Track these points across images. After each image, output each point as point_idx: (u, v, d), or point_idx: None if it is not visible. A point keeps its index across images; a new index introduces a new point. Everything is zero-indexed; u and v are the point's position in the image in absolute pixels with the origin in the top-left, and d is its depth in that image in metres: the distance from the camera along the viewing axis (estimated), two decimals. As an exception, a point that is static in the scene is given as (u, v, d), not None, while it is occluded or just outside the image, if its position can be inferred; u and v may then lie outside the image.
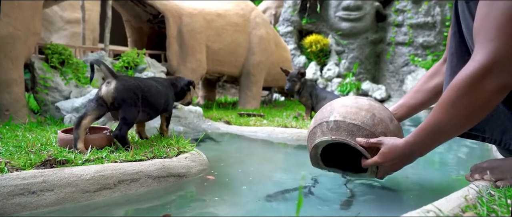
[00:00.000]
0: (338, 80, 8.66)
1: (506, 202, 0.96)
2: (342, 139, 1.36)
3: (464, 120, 1.07)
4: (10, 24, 2.76)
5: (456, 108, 1.06)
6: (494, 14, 0.98)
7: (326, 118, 1.43)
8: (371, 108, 1.40)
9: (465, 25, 1.17)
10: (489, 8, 1.00)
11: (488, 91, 0.99)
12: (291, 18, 9.30)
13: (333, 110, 1.43)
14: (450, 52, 1.26)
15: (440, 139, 1.16)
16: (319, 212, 1.23)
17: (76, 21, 7.25)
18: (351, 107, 1.40)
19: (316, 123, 1.48)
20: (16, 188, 1.16)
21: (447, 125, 1.10)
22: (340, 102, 1.46)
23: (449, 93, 1.07)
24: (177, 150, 1.74)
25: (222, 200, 1.35)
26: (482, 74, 0.99)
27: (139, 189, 1.41)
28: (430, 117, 1.13)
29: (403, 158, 1.25)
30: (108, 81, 1.71)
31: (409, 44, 8.74)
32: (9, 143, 1.78)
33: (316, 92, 3.88)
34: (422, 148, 1.20)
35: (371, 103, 1.42)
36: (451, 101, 1.06)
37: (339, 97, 3.91)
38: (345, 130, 1.36)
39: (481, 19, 1.03)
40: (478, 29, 1.03)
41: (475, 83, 1.00)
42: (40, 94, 3.22)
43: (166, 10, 4.47)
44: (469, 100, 1.03)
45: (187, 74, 4.56)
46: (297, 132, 2.97)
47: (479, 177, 1.23)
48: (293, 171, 1.89)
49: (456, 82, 1.05)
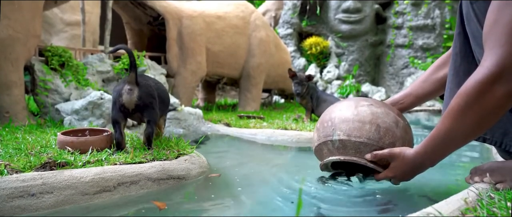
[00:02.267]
0: (338, 82, 8.66)
1: (506, 204, 0.96)
2: (350, 159, 1.35)
3: (475, 127, 1.05)
4: (10, 26, 2.76)
5: (466, 115, 1.04)
6: (504, 21, 0.97)
7: (329, 136, 1.39)
8: (374, 118, 1.34)
9: (469, 26, 1.16)
10: (499, 14, 0.99)
11: (498, 97, 0.98)
12: (291, 20, 9.32)
13: (335, 127, 1.38)
14: (454, 52, 1.25)
15: (451, 147, 1.14)
16: (319, 212, 1.23)
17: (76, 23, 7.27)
18: (353, 122, 1.35)
19: (321, 140, 1.44)
20: (15, 191, 1.15)
21: (458, 133, 1.08)
22: (340, 116, 1.40)
23: (458, 100, 1.05)
24: (177, 153, 1.73)
25: (221, 201, 1.35)
26: (492, 80, 0.98)
27: (139, 191, 1.40)
28: (440, 126, 1.11)
29: (414, 169, 1.25)
30: (130, 89, 1.71)
31: (408, 46, 8.75)
32: (8, 145, 1.78)
33: (317, 94, 3.89)
34: (433, 157, 1.19)
35: (372, 110, 1.37)
36: (460, 108, 1.04)
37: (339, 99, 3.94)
38: (352, 148, 1.34)
39: (490, 25, 1.02)
40: (488, 35, 1.02)
41: (485, 89, 0.99)
42: (40, 96, 3.22)
43: (166, 12, 4.48)
44: (479, 107, 1.01)
45: (187, 76, 4.56)
46: (297, 134, 2.96)
47: (479, 180, 1.22)
48: (293, 173, 1.89)
49: (465, 89, 1.03)
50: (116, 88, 1.74)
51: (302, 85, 3.79)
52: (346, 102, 1.48)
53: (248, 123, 3.55)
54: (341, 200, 1.39)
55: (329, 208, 1.28)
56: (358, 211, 1.26)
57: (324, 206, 1.30)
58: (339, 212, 1.25)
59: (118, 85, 1.75)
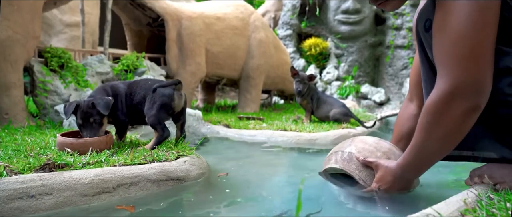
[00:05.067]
0: (337, 83, 8.66)
1: (505, 205, 0.96)
2: (348, 171, 1.42)
3: (442, 143, 1.11)
4: (10, 28, 2.76)
5: (430, 133, 1.11)
6: (444, 41, 1.04)
7: (343, 148, 1.49)
8: (389, 152, 1.41)
9: (430, 52, 1.19)
10: (439, 35, 1.06)
11: (456, 115, 1.04)
12: (291, 21, 9.33)
13: (352, 143, 1.49)
14: (423, 79, 1.29)
15: (427, 159, 1.20)
16: (319, 213, 1.23)
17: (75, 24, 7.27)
18: (369, 145, 1.44)
19: (334, 151, 1.54)
20: (15, 192, 1.15)
21: (428, 149, 1.15)
22: (362, 138, 1.51)
23: (423, 118, 1.12)
24: (177, 154, 1.73)
25: (221, 202, 1.35)
26: (445, 100, 1.03)
27: (138, 193, 1.40)
28: (413, 140, 1.18)
29: (396, 179, 1.29)
30: (181, 94, 1.98)
31: (408, 47, 8.76)
32: (8, 146, 1.78)
33: (317, 96, 3.89)
34: (413, 169, 1.25)
35: (391, 149, 1.44)
36: (424, 126, 1.12)
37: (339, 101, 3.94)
38: (355, 164, 1.41)
39: (435, 46, 1.08)
40: (436, 56, 1.08)
41: (442, 110, 1.05)
42: (39, 97, 3.22)
43: (166, 14, 4.48)
44: (440, 125, 1.07)
45: (187, 77, 4.56)
46: (297, 136, 2.97)
47: (478, 181, 1.23)
48: (292, 174, 1.89)
49: (425, 108, 1.10)
50: (165, 93, 1.89)
51: (303, 84, 3.79)
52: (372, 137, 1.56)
53: (247, 124, 3.55)
54: (341, 201, 1.39)
55: (329, 208, 1.28)
56: (358, 212, 1.26)
57: (324, 206, 1.30)
58: (339, 213, 1.25)
59: (164, 91, 1.90)
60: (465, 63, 1.00)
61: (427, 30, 1.16)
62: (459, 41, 1.00)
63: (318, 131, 3.12)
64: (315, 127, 3.30)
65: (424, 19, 1.18)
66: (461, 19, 1.00)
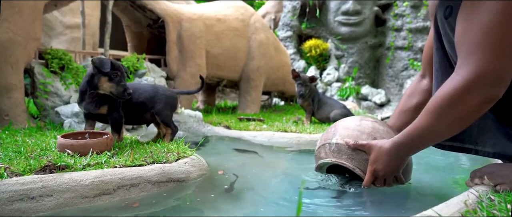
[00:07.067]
0: (337, 85, 8.66)
1: (506, 206, 0.96)
2: (342, 162, 1.41)
3: (450, 128, 1.12)
4: (10, 29, 2.77)
5: (441, 117, 1.11)
6: (472, 29, 1.03)
7: (329, 140, 1.48)
8: (373, 131, 1.40)
9: (447, 40, 1.19)
10: (467, 24, 1.05)
11: (472, 104, 1.04)
12: (291, 23, 9.33)
13: (336, 132, 1.47)
14: (435, 68, 1.29)
15: (426, 143, 1.22)
16: (319, 214, 1.23)
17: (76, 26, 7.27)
18: (353, 130, 1.43)
19: (321, 143, 1.53)
20: (15, 194, 1.15)
21: (432, 132, 1.16)
22: (343, 124, 1.49)
23: (435, 103, 1.11)
24: (177, 155, 1.73)
25: (221, 203, 1.35)
26: (466, 88, 1.03)
27: (139, 194, 1.40)
28: (417, 122, 1.19)
29: (392, 157, 1.29)
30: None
31: (408, 49, 8.76)
32: (8, 148, 1.78)
33: (318, 97, 3.89)
34: (408, 149, 1.26)
35: (374, 126, 1.43)
36: (436, 110, 1.11)
37: (339, 102, 3.94)
38: (345, 154, 1.41)
39: (460, 34, 1.07)
40: (459, 44, 1.07)
41: (459, 97, 1.05)
42: (40, 99, 3.22)
43: (166, 15, 4.49)
44: (454, 112, 1.07)
45: (187, 79, 4.57)
46: (297, 137, 2.96)
47: (479, 182, 1.23)
48: (293, 175, 1.89)
49: (441, 93, 1.09)
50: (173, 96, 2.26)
51: (305, 86, 3.80)
52: (354, 116, 1.57)
53: (248, 125, 3.54)
54: (341, 201, 1.39)
55: (329, 209, 1.28)
56: (358, 212, 1.26)
57: (324, 207, 1.30)
58: (339, 214, 1.25)
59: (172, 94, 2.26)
60: (493, 53, 0.99)
61: (447, 17, 1.15)
62: (490, 31, 0.99)
63: (319, 132, 3.12)
64: (315, 129, 3.29)
65: (445, 5, 1.16)
66: (494, 10, 0.99)
